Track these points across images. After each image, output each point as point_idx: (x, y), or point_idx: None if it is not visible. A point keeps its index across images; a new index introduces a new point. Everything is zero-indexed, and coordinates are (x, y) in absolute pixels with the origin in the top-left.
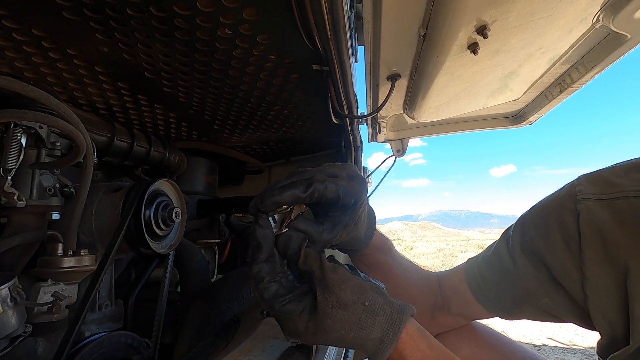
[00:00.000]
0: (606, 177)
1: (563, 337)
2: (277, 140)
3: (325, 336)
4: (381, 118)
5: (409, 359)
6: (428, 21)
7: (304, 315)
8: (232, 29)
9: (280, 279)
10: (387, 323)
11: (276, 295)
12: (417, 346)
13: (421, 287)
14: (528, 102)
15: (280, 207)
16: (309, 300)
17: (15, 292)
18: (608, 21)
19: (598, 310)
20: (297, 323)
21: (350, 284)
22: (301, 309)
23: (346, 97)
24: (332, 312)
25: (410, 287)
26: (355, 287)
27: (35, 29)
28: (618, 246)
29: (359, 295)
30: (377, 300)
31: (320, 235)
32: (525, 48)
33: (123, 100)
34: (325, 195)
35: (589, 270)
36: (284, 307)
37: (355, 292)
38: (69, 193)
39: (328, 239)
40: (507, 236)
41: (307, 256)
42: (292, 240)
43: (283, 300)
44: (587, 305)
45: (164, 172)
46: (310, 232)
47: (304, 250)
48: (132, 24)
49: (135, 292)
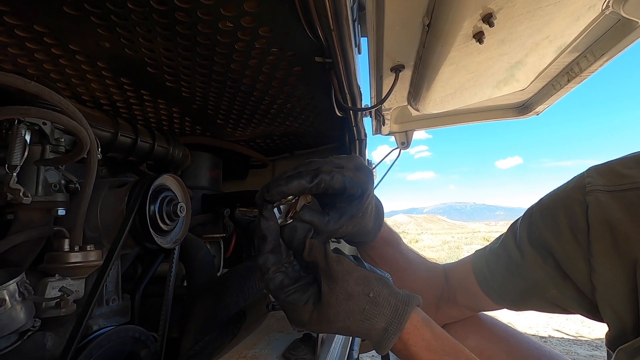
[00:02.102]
0: (616, 168)
1: (570, 328)
2: (280, 134)
3: (329, 325)
4: (385, 110)
5: (413, 348)
6: (432, 10)
7: (308, 305)
8: (233, 22)
9: (286, 270)
10: (391, 314)
11: (281, 286)
12: (422, 335)
13: (427, 278)
14: (535, 92)
15: (286, 197)
16: (313, 291)
17: (23, 287)
18: (618, 7)
19: (606, 302)
20: (302, 313)
21: (355, 275)
22: (306, 299)
23: (349, 89)
24: (336, 303)
25: (417, 279)
26: (360, 278)
27: (37, 25)
28: (628, 238)
29: (364, 286)
30: (381, 292)
31: (326, 226)
32: (532, 36)
33: (126, 96)
34: (331, 186)
35: (597, 262)
36: (289, 297)
37: (360, 284)
38: (74, 189)
39: (333, 229)
40: (514, 228)
41: (312, 247)
42: (297, 231)
43: (288, 291)
44: (595, 297)
45: (168, 167)
46: (316, 222)
47: (309, 241)
48: (133, 18)
49: (141, 286)
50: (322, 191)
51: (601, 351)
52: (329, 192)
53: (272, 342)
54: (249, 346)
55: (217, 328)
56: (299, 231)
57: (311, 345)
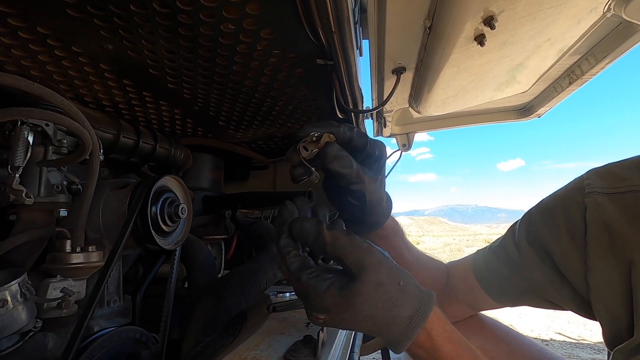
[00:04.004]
0: (615, 171)
1: (572, 332)
2: (282, 136)
3: (354, 313)
4: (386, 112)
5: (437, 339)
6: (434, 12)
7: (331, 291)
8: (235, 24)
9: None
10: (417, 302)
11: (303, 267)
12: (444, 327)
13: (433, 274)
14: (536, 94)
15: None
16: (337, 277)
17: (24, 288)
18: (620, 10)
19: (600, 302)
20: (324, 298)
21: (386, 266)
22: (329, 284)
23: (351, 91)
24: (366, 291)
25: (422, 272)
26: (391, 268)
27: (40, 27)
28: (625, 240)
29: (394, 276)
30: (409, 282)
31: (351, 166)
32: (533, 39)
33: (128, 97)
34: (354, 137)
35: (592, 262)
36: (311, 279)
37: (391, 273)
38: (76, 190)
39: (358, 175)
40: (514, 229)
41: (335, 239)
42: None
43: (310, 273)
44: (590, 297)
45: (169, 169)
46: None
47: (330, 233)
48: (136, 20)
49: (143, 287)
50: (347, 138)
51: (603, 355)
52: (352, 144)
53: (273, 344)
54: (249, 348)
55: (218, 329)
56: (308, 225)
57: (312, 347)
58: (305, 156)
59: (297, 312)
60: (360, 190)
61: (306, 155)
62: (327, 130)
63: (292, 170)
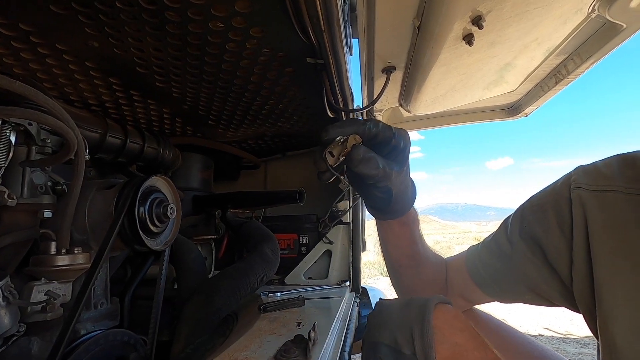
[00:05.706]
0: (600, 169)
1: (559, 327)
2: (272, 135)
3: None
4: (377, 111)
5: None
6: (423, 12)
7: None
8: (224, 22)
9: None
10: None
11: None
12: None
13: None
14: (524, 93)
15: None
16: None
17: (7, 291)
18: (604, 11)
19: (578, 294)
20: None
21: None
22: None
23: (341, 90)
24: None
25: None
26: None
27: (23, 23)
28: (598, 236)
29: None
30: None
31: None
32: (520, 39)
33: (115, 96)
34: (380, 132)
35: (575, 254)
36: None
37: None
38: (61, 191)
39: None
40: (506, 224)
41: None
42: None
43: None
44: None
45: (158, 169)
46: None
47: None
48: (122, 17)
49: (131, 289)
50: (372, 136)
51: (589, 349)
52: (378, 140)
53: (264, 344)
54: (240, 348)
55: (209, 330)
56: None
57: (303, 346)
58: (332, 163)
59: (288, 312)
60: (386, 186)
61: (333, 162)
62: (352, 131)
63: (320, 175)
